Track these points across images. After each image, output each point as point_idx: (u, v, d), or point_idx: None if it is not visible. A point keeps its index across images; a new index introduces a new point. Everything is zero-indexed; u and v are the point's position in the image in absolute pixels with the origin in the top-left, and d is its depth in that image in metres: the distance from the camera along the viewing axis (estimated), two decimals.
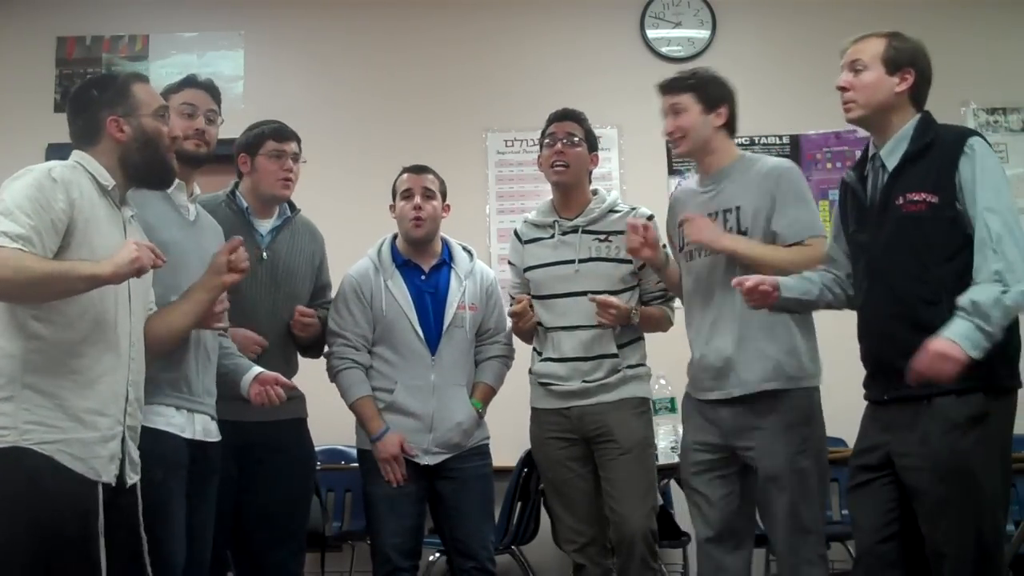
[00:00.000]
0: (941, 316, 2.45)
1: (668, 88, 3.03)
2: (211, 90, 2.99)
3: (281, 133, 3.26)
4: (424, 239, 3.39)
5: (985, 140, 2.53)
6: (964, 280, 2.44)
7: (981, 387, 2.44)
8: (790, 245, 2.90)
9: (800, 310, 2.82)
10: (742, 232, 2.94)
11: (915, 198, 2.51)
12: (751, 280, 2.66)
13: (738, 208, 2.95)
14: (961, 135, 2.54)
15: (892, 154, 2.60)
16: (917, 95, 2.63)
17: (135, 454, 2.38)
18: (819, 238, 2.91)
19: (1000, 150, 5.48)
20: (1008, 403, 2.52)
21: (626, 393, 3.25)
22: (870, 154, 2.67)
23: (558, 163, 3.32)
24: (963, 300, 2.37)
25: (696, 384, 3.03)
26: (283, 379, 2.86)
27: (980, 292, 2.37)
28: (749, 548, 3.00)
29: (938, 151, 2.52)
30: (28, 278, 2.14)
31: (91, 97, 2.45)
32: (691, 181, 3.18)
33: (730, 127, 3.04)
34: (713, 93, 3.00)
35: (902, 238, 2.52)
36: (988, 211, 2.43)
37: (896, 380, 2.49)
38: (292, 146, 3.26)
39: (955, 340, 2.33)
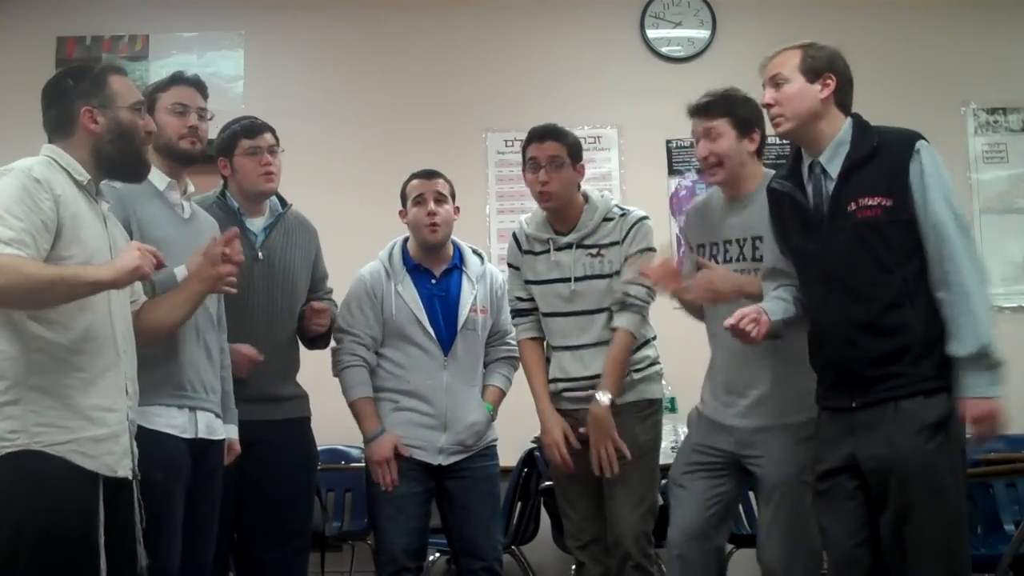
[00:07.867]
0: (906, 318, 2.45)
1: (702, 112, 2.93)
2: (200, 86, 2.93)
3: (252, 129, 3.20)
4: (441, 244, 3.39)
5: (926, 141, 2.53)
6: (924, 279, 2.46)
7: (946, 387, 2.44)
8: None
9: (787, 332, 2.69)
10: (757, 259, 2.87)
11: (870, 203, 2.49)
12: (748, 314, 2.58)
13: (760, 238, 2.86)
14: (907, 137, 2.52)
15: (833, 160, 2.57)
16: (842, 99, 2.62)
17: (135, 448, 2.37)
18: None
19: (1000, 150, 5.48)
20: None
21: (633, 397, 3.21)
22: (806, 162, 2.64)
23: (543, 193, 3.21)
24: (959, 354, 2.41)
25: (716, 407, 2.95)
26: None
27: (962, 346, 2.41)
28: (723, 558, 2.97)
29: (886, 154, 2.51)
30: (30, 284, 2.12)
31: (65, 87, 2.40)
32: (712, 196, 3.08)
33: (760, 151, 2.96)
34: (747, 116, 2.91)
35: (860, 243, 2.50)
36: (939, 224, 2.44)
37: (864, 386, 2.49)
38: (266, 138, 3.19)
39: (982, 396, 2.39)
